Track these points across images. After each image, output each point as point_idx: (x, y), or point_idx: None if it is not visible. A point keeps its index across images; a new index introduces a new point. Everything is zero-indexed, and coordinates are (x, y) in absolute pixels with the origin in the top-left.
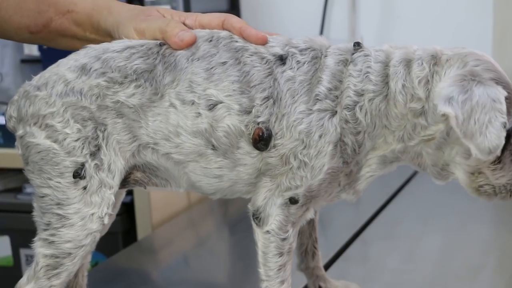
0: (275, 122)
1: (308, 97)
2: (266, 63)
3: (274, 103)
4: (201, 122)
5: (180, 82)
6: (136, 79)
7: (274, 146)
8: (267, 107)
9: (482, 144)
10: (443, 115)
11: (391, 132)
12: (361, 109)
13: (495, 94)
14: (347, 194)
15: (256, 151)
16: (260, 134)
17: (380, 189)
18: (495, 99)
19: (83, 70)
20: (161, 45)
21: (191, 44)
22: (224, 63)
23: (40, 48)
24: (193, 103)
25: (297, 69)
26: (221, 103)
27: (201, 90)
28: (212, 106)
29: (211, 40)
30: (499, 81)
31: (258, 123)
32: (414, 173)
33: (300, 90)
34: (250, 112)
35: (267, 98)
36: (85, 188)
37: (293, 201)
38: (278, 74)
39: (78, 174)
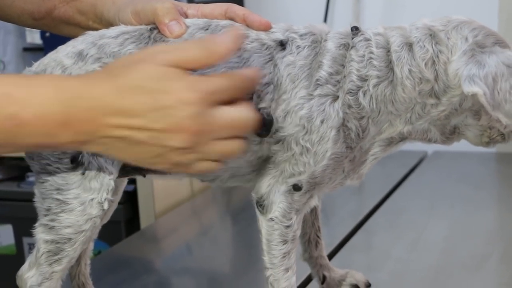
0: (276, 108)
1: (308, 82)
2: (266, 49)
3: (274, 88)
4: None
5: None
6: None
7: (276, 132)
8: (267, 93)
9: (511, 111)
10: (473, 95)
11: (398, 116)
12: (364, 94)
13: (507, 59)
14: (351, 180)
15: (258, 138)
16: (262, 119)
17: (384, 178)
18: (509, 64)
19: (80, 56)
20: (151, 30)
21: (181, 36)
22: None
23: (43, 36)
24: None
25: (297, 53)
26: None
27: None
28: None
29: (207, 29)
30: (499, 42)
31: (259, 109)
32: (419, 162)
33: (300, 75)
34: (250, 98)
35: (267, 84)
36: (83, 173)
37: (296, 187)
38: (278, 60)
39: (75, 160)
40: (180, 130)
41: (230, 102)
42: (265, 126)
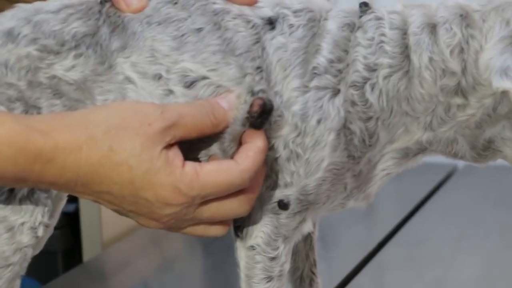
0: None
1: (303, 70)
2: (252, 27)
3: (266, 76)
4: (174, 102)
5: (136, 49)
6: (75, 46)
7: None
8: (262, 77)
9: None
10: (504, 92)
11: (415, 119)
12: (372, 88)
13: None
14: (355, 201)
15: (239, 127)
16: (261, 104)
17: (400, 198)
18: None
19: (9, 36)
20: (102, 2)
21: (140, 11)
22: (199, 29)
23: None
24: (159, 78)
25: (290, 34)
26: (204, 78)
27: (171, 63)
28: (190, 83)
29: (176, 3)
30: None
31: (257, 92)
32: (446, 178)
33: (293, 61)
34: (242, 82)
35: (259, 68)
36: (11, 190)
37: (282, 205)
38: (266, 42)
39: None
40: (157, 219)
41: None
42: (266, 113)
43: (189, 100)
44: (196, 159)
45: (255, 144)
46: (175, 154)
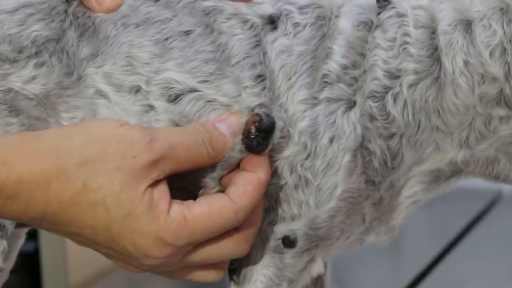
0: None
1: (311, 78)
2: (250, 28)
3: (270, 85)
4: (155, 120)
5: (110, 57)
6: (36, 53)
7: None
8: (264, 88)
9: None
10: None
11: (448, 135)
12: (395, 100)
13: None
14: (376, 235)
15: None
16: (257, 121)
17: (433, 231)
18: None
19: None
20: (68, 0)
21: (114, 10)
22: (187, 32)
23: None
24: (138, 91)
25: (295, 35)
26: (193, 91)
27: (152, 72)
28: (175, 96)
29: (158, 0)
30: None
31: (253, 108)
32: (488, 206)
33: (299, 67)
34: (241, 97)
35: (260, 76)
36: None
37: (288, 242)
38: (267, 45)
39: None
40: (136, 266)
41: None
42: (263, 132)
43: (173, 117)
44: (182, 188)
45: (255, 176)
46: (161, 195)
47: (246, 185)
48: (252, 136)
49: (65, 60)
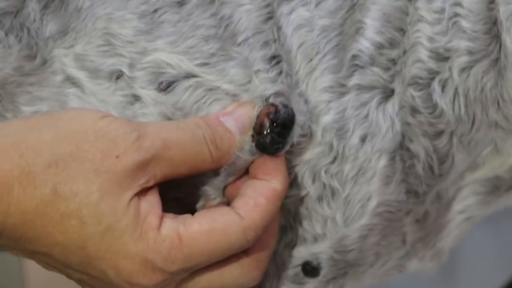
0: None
1: (338, 60)
2: None
3: (287, 69)
4: (142, 113)
5: (83, 35)
6: None
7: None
8: (280, 72)
9: None
10: None
11: (509, 133)
12: (444, 88)
13: None
14: (420, 261)
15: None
16: (272, 113)
17: (499, 256)
18: None
19: None
20: None
21: None
22: (182, 2)
23: None
24: (119, 77)
25: (316, 5)
26: (191, 77)
27: (136, 53)
28: (168, 84)
29: None
30: None
31: (268, 98)
32: None
33: (322, 46)
34: (251, 84)
35: (275, 57)
36: None
37: (309, 269)
38: (282, 17)
39: None
40: None
41: None
42: (280, 126)
43: (164, 110)
44: (177, 200)
45: (269, 185)
46: (151, 206)
47: (258, 197)
48: (266, 132)
49: (25, 39)
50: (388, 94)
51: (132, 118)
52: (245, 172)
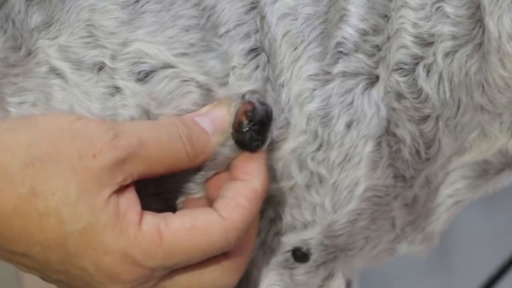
0: (275, 98)
1: (322, 47)
2: None
3: (268, 60)
4: (121, 105)
5: (67, 26)
6: None
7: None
8: (257, 66)
9: None
10: None
11: (496, 117)
12: (428, 72)
13: None
14: (410, 244)
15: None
16: (249, 111)
17: (491, 240)
18: None
19: None
20: None
21: None
22: None
23: None
24: (101, 68)
25: None
26: (168, 67)
27: (118, 44)
28: (145, 74)
29: None
30: None
31: (244, 95)
32: None
33: (307, 35)
34: (229, 79)
35: (254, 50)
36: None
37: (299, 255)
38: (266, 6)
39: None
40: None
41: None
42: (257, 124)
43: (141, 101)
44: (157, 196)
45: (249, 185)
46: (130, 203)
47: (238, 197)
48: (244, 130)
49: (10, 31)
50: (373, 80)
51: (114, 110)
52: (227, 173)
